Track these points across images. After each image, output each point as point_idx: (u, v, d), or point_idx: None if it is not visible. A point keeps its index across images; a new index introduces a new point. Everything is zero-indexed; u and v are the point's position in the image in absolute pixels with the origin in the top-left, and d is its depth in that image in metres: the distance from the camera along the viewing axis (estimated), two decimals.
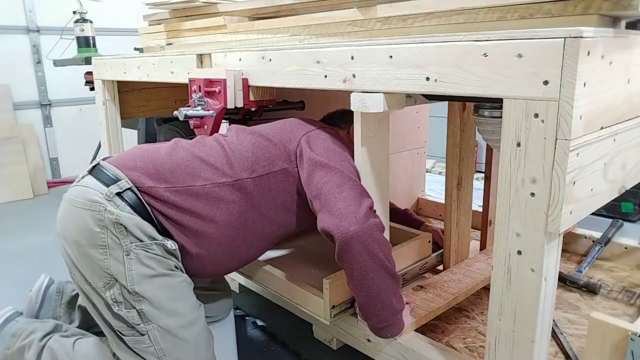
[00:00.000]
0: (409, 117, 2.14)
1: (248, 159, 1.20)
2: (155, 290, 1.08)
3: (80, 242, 1.07)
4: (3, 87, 3.18)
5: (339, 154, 1.18)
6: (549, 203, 0.79)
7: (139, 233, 1.07)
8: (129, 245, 1.06)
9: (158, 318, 1.08)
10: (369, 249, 1.03)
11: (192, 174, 1.15)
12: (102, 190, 1.07)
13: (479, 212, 1.71)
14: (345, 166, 1.15)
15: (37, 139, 3.36)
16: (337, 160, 1.16)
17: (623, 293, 1.45)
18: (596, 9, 0.84)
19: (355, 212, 1.04)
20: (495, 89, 0.82)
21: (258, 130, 1.27)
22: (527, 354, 0.88)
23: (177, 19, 1.98)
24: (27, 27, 3.26)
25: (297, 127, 1.27)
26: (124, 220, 1.06)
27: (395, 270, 1.10)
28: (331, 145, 1.21)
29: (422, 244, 1.52)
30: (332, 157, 1.16)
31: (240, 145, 1.22)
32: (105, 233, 1.06)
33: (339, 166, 1.13)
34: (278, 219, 1.25)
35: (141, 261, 1.07)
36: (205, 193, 1.14)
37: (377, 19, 1.21)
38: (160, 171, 1.14)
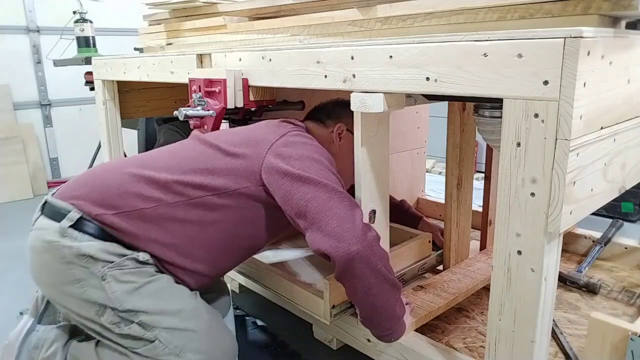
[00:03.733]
0: (409, 117, 2.14)
1: (205, 175, 1.11)
2: (145, 300, 1.06)
3: (54, 284, 1.07)
4: (3, 87, 3.18)
5: (316, 163, 1.09)
6: (549, 203, 0.79)
7: (106, 256, 1.05)
8: (101, 271, 1.04)
9: (160, 322, 1.07)
10: (372, 266, 1.01)
11: (141, 196, 1.08)
12: (54, 228, 1.05)
13: (479, 212, 1.71)
14: (326, 176, 1.07)
15: (37, 139, 3.36)
16: (316, 170, 1.07)
17: (623, 293, 1.45)
18: (596, 9, 0.84)
19: (352, 229, 1.00)
20: (495, 89, 0.82)
21: (220, 142, 1.16)
22: (527, 354, 0.88)
23: (177, 19, 1.98)
24: (27, 27, 3.27)
25: (263, 138, 1.14)
26: (85, 250, 1.03)
27: (395, 278, 1.09)
28: (306, 152, 1.11)
29: (422, 244, 1.52)
30: (310, 168, 1.07)
31: (197, 160, 1.13)
32: (73, 268, 1.04)
33: (320, 178, 1.05)
34: (245, 233, 1.17)
35: (119, 280, 1.05)
36: (158, 215, 1.08)
37: (377, 19, 1.21)
38: (106, 196, 1.08)
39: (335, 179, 1.09)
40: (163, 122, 2.52)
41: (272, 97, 1.48)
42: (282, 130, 1.17)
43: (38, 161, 3.31)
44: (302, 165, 1.07)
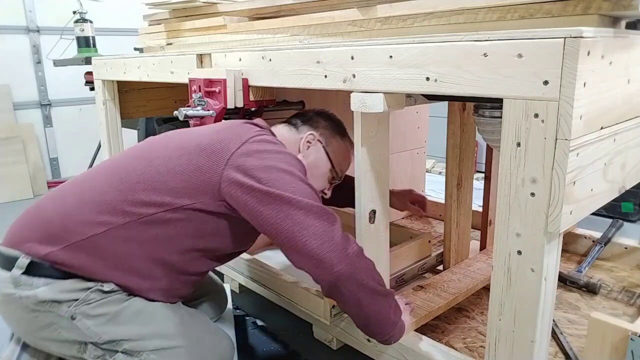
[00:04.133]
0: (409, 117, 2.14)
1: (155, 191, 1.01)
2: (123, 328, 1.02)
3: (27, 331, 1.04)
4: (3, 87, 3.18)
5: (286, 174, 0.99)
6: (549, 203, 0.79)
7: (68, 295, 0.99)
8: (68, 311, 0.99)
9: (145, 346, 1.03)
10: (358, 282, 0.99)
11: (87, 223, 1.00)
12: (6, 279, 0.99)
13: (479, 212, 1.71)
14: (299, 190, 0.98)
15: (37, 139, 3.36)
16: (286, 184, 0.98)
17: (623, 293, 1.45)
18: (596, 9, 0.84)
19: (333, 248, 0.95)
20: (495, 89, 0.82)
21: (172, 149, 1.05)
22: (527, 354, 0.88)
23: (177, 19, 1.98)
24: (27, 27, 3.27)
25: (221, 146, 1.02)
26: (43, 297, 0.98)
27: (384, 288, 1.07)
28: (272, 162, 1.00)
29: (422, 244, 1.52)
30: (279, 182, 0.98)
31: (145, 174, 1.03)
32: (39, 315, 0.99)
33: (292, 193, 0.97)
34: (207, 246, 1.09)
35: (90, 315, 1.00)
36: (112, 238, 1.00)
37: (377, 19, 1.21)
38: (51, 231, 1.01)
39: (309, 191, 1.00)
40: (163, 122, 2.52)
41: (272, 97, 1.48)
42: (244, 135, 1.04)
43: (38, 161, 3.31)
44: (269, 179, 0.97)
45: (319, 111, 1.31)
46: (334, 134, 1.27)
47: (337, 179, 1.29)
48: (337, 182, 1.30)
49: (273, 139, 1.10)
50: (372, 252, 1.21)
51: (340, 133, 1.28)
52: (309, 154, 1.21)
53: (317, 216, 0.97)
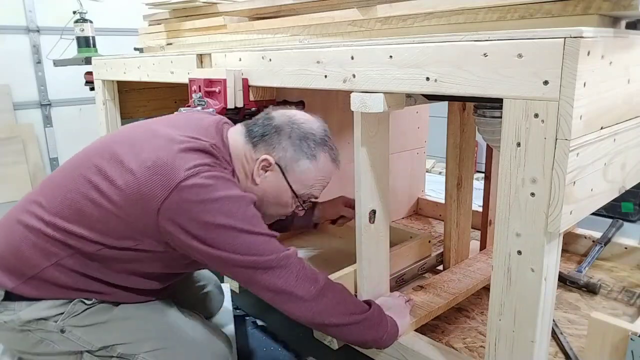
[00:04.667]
0: (409, 117, 2.14)
1: (92, 230, 0.95)
2: (115, 333, 1.03)
3: (22, 350, 1.05)
4: (3, 87, 3.18)
5: (225, 230, 0.90)
6: (549, 203, 0.79)
7: (52, 311, 0.99)
8: (55, 325, 0.99)
9: (139, 348, 1.04)
10: (334, 321, 0.98)
11: (38, 253, 0.97)
12: None
13: (479, 212, 1.70)
14: (242, 246, 0.91)
15: (37, 139, 3.36)
16: (228, 241, 0.90)
17: (623, 293, 1.45)
18: (596, 9, 0.84)
19: (300, 300, 0.94)
20: (495, 89, 0.82)
21: (104, 178, 0.95)
22: (527, 354, 0.88)
23: (177, 19, 1.98)
24: (27, 27, 3.26)
25: (150, 192, 0.89)
26: (28, 316, 0.98)
27: (357, 313, 1.02)
28: (209, 218, 0.89)
29: (422, 244, 1.52)
30: (218, 240, 0.90)
31: (77, 203, 0.96)
32: (29, 334, 1.00)
33: (235, 253, 0.90)
34: (163, 271, 1.07)
35: (79, 326, 1.01)
36: (66, 267, 0.98)
37: (377, 19, 1.21)
38: (8, 264, 0.98)
39: (255, 243, 0.92)
40: None
41: (272, 97, 1.48)
42: (175, 175, 0.89)
43: (38, 161, 3.30)
44: (207, 237, 0.89)
45: (285, 121, 1.06)
46: (297, 157, 1.03)
47: (304, 206, 1.13)
48: (306, 207, 1.15)
49: (210, 175, 0.92)
50: (372, 252, 1.21)
51: (308, 153, 1.04)
52: (265, 180, 1.05)
53: (264, 271, 0.92)
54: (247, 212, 0.94)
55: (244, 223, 0.92)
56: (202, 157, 0.95)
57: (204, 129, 1.03)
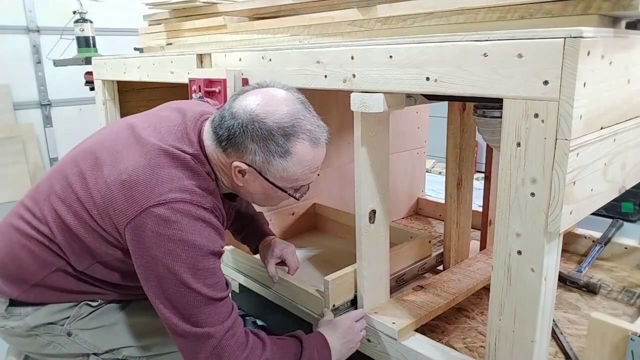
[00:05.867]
0: (409, 117, 2.14)
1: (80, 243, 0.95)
2: (121, 336, 1.03)
3: (31, 351, 1.05)
4: (3, 87, 3.18)
5: (171, 281, 0.86)
6: (549, 203, 0.79)
7: (58, 315, 0.99)
8: (62, 329, 1.00)
9: (144, 351, 1.04)
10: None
11: (37, 263, 0.97)
12: None
13: (479, 212, 1.70)
14: (209, 316, 0.87)
15: (37, 139, 3.36)
16: (169, 290, 0.86)
17: (623, 293, 1.45)
18: (596, 9, 0.84)
19: None
20: (495, 89, 0.82)
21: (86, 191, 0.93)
22: (527, 354, 0.88)
23: (177, 19, 1.98)
24: (27, 27, 3.27)
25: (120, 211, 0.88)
26: (34, 322, 0.98)
27: None
28: (163, 258, 0.85)
29: (422, 244, 1.52)
30: (162, 281, 0.86)
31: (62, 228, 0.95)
32: (36, 337, 1.00)
33: (167, 305, 0.87)
34: None
35: (85, 329, 1.01)
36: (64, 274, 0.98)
37: (377, 19, 1.21)
38: (9, 273, 0.98)
39: (202, 300, 0.86)
40: None
41: None
42: (156, 193, 0.86)
43: (38, 161, 3.31)
44: (154, 281, 0.87)
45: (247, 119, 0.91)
46: (269, 159, 0.92)
47: (298, 197, 1.04)
48: (303, 194, 1.05)
49: (180, 209, 0.86)
50: (372, 252, 1.21)
51: (280, 152, 0.92)
52: (247, 182, 0.98)
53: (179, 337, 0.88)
54: (199, 265, 0.86)
55: (188, 274, 0.85)
56: (181, 179, 0.90)
57: (186, 134, 0.97)
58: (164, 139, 0.95)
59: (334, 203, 1.95)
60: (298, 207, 1.87)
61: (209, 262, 0.88)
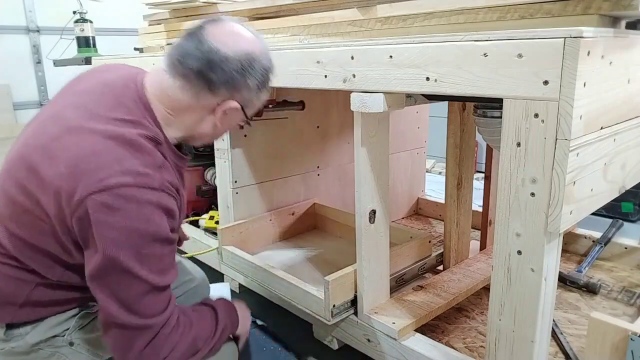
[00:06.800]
0: (409, 117, 2.14)
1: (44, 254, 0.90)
2: None
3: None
4: (3, 87, 3.18)
5: (119, 271, 0.82)
6: (549, 203, 0.79)
7: (58, 328, 0.97)
8: (64, 339, 0.98)
9: None
10: None
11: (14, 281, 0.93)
12: None
13: (479, 212, 1.71)
14: (149, 308, 0.86)
15: None
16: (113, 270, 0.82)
17: (623, 293, 1.45)
18: (596, 9, 0.84)
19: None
20: (495, 89, 0.82)
21: (33, 205, 0.86)
22: (527, 354, 0.88)
23: (177, 19, 1.98)
24: (27, 27, 3.26)
25: (70, 191, 0.81)
26: (35, 339, 0.95)
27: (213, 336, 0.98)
28: (115, 236, 0.80)
29: (422, 244, 1.52)
30: (107, 271, 0.82)
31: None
32: (39, 351, 0.97)
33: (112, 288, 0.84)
34: None
35: (88, 338, 0.99)
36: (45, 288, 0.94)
37: (377, 19, 1.21)
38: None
39: (147, 288, 0.84)
40: None
41: (272, 97, 1.48)
42: (95, 179, 0.80)
43: None
44: (97, 266, 0.82)
45: (240, 64, 0.90)
46: (259, 94, 0.96)
47: (250, 122, 1.07)
48: None
49: (123, 194, 0.81)
50: (372, 252, 1.21)
51: (268, 88, 0.98)
52: (222, 120, 0.96)
53: (121, 332, 0.85)
54: (143, 251, 0.83)
55: (133, 261, 0.81)
56: (121, 161, 0.83)
57: (119, 101, 0.91)
58: (95, 116, 0.88)
59: (334, 203, 1.95)
60: (298, 207, 1.87)
61: (155, 249, 0.84)
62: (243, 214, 1.70)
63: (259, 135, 1.69)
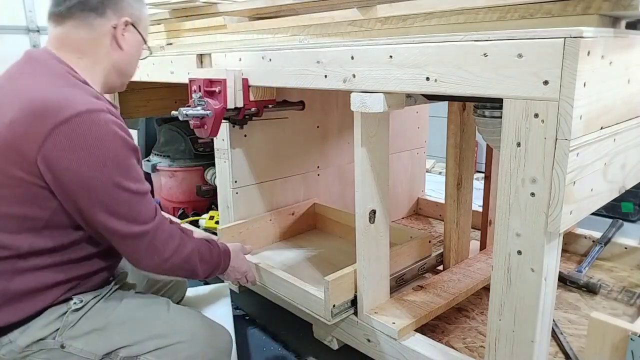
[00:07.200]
0: (409, 117, 2.14)
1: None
2: (115, 337, 1.01)
3: None
4: None
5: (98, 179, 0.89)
6: (549, 203, 0.79)
7: (47, 329, 0.96)
8: (54, 342, 0.97)
9: (142, 349, 1.02)
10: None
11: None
12: None
13: (479, 212, 1.71)
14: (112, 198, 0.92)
15: None
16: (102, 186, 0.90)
17: (623, 293, 1.45)
18: (596, 9, 0.84)
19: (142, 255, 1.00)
20: (495, 89, 0.82)
21: None
22: (527, 354, 0.88)
23: (177, 19, 1.98)
24: (27, 27, 3.27)
25: (32, 131, 0.86)
26: (25, 342, 0.95)
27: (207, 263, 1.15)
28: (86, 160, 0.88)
29: (422, 244, 1.52)
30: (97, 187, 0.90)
31: None
32: (32, 357, 0.97)
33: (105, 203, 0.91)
34: None
35: (78, 337, 0.99)
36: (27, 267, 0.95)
37: (377, 19, 1.21)
38: None
39: (137, 198, 0.95)
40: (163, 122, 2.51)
41: (272, 97, 1.48)
42: (56, 120, 0.86)
43: None
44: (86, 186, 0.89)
45: None
46: (141, 5, 1.08)
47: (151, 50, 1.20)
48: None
49: (88, 120, 0.88)
50: (372, 252, 1.21)
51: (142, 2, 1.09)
52: (127, 43, 1.05)
53: (126, 242, 0.96)
54: (122, 163, 0.92)
55: (117, 175, 0.91)
56: (74, 95, 0.91)
57: (49, 69, 0.99)
58: (35, 81, 0.95)
59: (334, 203, 1.95)
60: (298, 207, 1.87)
61: (130, 159, 0.93)
62: (243, 214, 1.70)
63: (259, 135, 1.69)
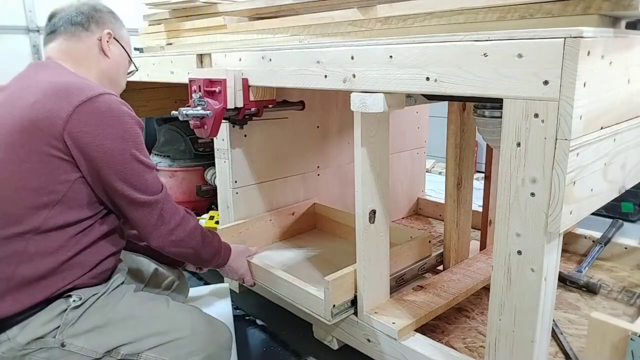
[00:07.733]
0: (409, 117, 2.14)
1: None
2: (116, 334, 1.01)
3: None
4: None
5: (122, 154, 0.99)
6: (549, 203, 0.79)
7: (47, 328, 0.96)
8: (54, 340, 0.97)
9: (142, 346, 1.02)
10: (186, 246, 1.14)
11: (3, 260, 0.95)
12: None
13: (479, 212, 1.71)
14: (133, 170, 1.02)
15: None
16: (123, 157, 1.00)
17: (623, 293, 1.45)
18: (596, 9, 0.84)
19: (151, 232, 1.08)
20: (495, 89, 0.82)
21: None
22: (527, 354, 0.88)
23: (177, 19, 1.98)
24: (27, 27, 3.26)
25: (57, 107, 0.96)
26: (25, 339, 0.95)
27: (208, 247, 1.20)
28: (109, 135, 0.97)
29: (422, 244, 1.52)
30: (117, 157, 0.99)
31: None
32: (31, 356, 0.97)
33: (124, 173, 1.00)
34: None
35: (78, 335, 0.98)
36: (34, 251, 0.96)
37: (377, 19, 1.21)
38: None
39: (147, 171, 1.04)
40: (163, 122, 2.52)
41: (272, 97, 1.48)
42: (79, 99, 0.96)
43: None
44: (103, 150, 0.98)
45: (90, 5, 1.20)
46: (120, 24, 1.22)
47: (136, 66, 1.32)
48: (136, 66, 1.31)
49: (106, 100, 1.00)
50: (372, 252, 1.21)
51: (120, 21, 1.23)
52: (113, 53, 1.18)
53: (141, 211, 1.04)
54: (137, 139, 1.02)
55: (134, 149, 1.01)
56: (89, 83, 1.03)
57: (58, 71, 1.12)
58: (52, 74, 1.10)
59: (334, 203, 1.95)
60: (298, 207, 1.87)
61: (141, 136, 1.04)
62: (243, 214, 1.70)
63: (259, 135, 1.69)
